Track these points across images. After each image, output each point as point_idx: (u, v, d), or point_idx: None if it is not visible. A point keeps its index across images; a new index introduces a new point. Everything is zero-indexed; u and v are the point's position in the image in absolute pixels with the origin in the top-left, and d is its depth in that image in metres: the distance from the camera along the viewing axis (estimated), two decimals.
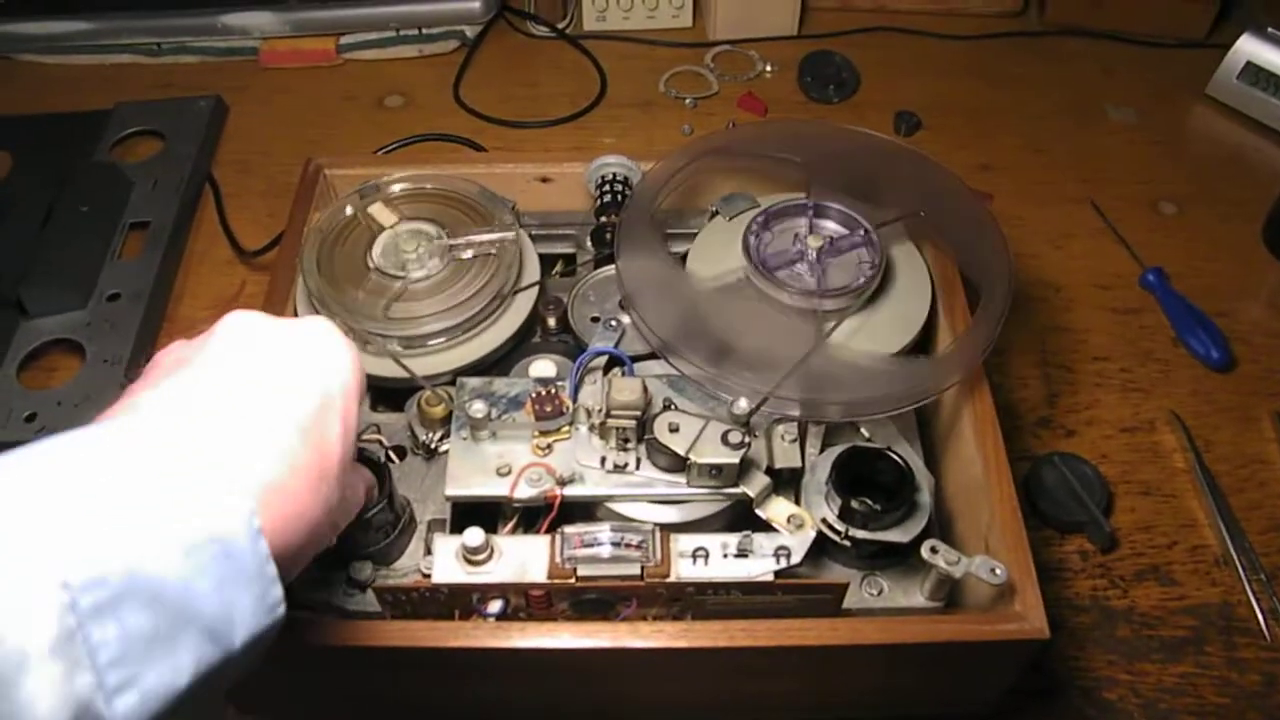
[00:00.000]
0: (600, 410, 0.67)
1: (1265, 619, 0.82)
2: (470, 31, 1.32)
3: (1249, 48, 1.20)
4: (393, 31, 1.30)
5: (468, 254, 0.79)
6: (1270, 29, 1.19)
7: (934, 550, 0.64)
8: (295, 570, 0.49)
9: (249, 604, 0.43)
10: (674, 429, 0.65)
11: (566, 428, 0.69)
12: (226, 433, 0.46)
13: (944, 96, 1.26)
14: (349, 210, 0.82)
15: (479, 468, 0.68)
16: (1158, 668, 0.80)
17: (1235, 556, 0.85)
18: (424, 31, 1.30)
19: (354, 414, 0.53)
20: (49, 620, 0.36)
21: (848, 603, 0.66)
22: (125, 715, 0.38)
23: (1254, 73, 1.20)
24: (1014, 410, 0.95)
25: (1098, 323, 1.03)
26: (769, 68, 1.29)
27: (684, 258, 0.81)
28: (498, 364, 0.78)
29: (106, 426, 0.43)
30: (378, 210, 0.82)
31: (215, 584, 0.41)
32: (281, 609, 0.45)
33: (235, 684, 0.45)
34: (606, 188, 0.87)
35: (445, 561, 0.64)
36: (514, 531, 0.69)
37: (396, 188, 0.84)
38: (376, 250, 0.79)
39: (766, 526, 0.66)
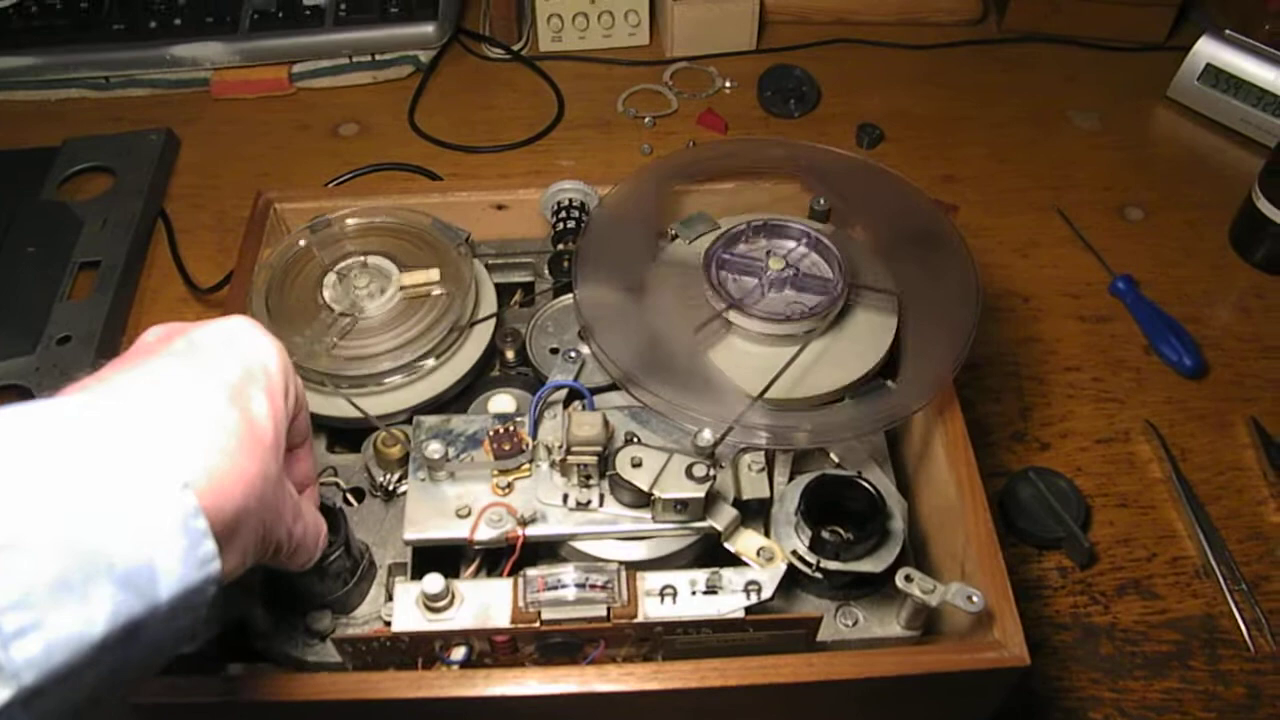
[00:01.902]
0: (561, 447, 0.65)
1: (1248, 630, 0.81)
2: (425, 56, 1.30)
3: (1208, 50, 1.19)
4: (346, 59, 1.28)
5: (418, 291, 0.77)
6: (1228, 31, 1.19)
7: (909, 579, 0.62)
8: (239, 537, 0.47)
9: (176, 556, 0.41)
10: (637, 464, 0.63)
11: (527, 465, 0.67)
12: (149, 401, 0.45)
13: (906, 108, 1.25)
14: (301, 243, 0.80)
15: (438, 510, 0.66)
16: (1142, 685, 0.79)
17: (1216, 567, 0.84)
18: (377, 58, 1.28)
19: (280, 396, 0.52)
20: None
21: (822, 635, 0.65)
22: (27, 662, 0.36)
23: (1214, 74, 1.20)
24: (986, 425, 0.93)
25: (1068, 332, 1.02)
26: (728, 84, 1.28)
27: (645, 283, 0.79)
28: (456, 400, 0.76)
29: (25, 403, 0.42)
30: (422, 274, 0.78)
31: (133, 533, 0.40)
32: (215, 565, 0.43)
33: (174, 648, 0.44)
34: (563, 214, 0.85)
35: (405, 609, 0.61)
36: (477, 574, 0.67)
37: (350, 222, 0.82)
38: (327, 286, 0.77)
39: (736, 560, 0.64)
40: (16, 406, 0.41)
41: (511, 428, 0.67)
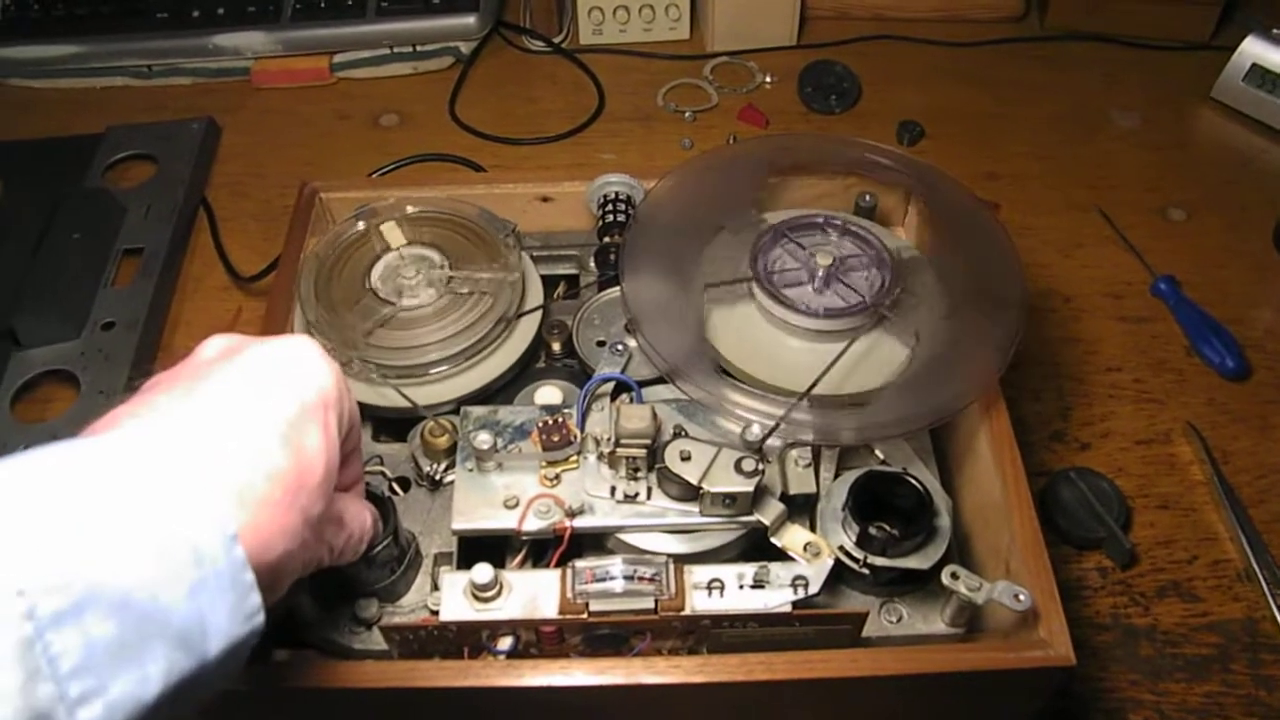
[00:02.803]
0: (609, 439, 0.65)
1: None
2: (465, 48, 1.30)
3: (1254, 50, 1.19)
4: (386, 49, 1.28)
5: (465, 289, 0.77)
6: (1275, 30, 1.18)
7: (955, 576, 0.62)
8: (280, 583, 0.48)
9: (224, 612, 0.42)
10: (686, 457, 0.63)
11: (574, 457, 0.67)
12: (201, 442, 0.45)
13: (946, 105, 1.25)
14: (360, 225, 0.80)
15: (485, 500, 0.66)
16: (1183, 687, 0.78)
17: (1258, 571, 0.83)
18: (418, 49, 1.29)
19: (335, 427, 0.52)
20: (5, 628, 0.35)
21: (867, 631, 0.65)
22: None
23: (1259, 75, 1.19)
24: (1027, 424, 0.93)
25: (1109, 333, 1.01)
26: (769, 79, 1.28)
27: (691, 276, 0.80)
28: (502, 391, 0.77)
29: (78, 440, 0.42)
30: (389, 229, 0.80)
31: (187, 591, 0.40)
32: (260, 617, 0.44)
33: (214, 694, 0.44)
34: (609, 207, 0.85)
35: (453, 598, 0.62)
36: (523, 565, 0.67)
37: (406, 209, 0.82)
38: (375, 275, 0.78)
39: (782, 555, 0.64)
40: (64, 447, 0.41)
41: (560, 419, 0.67)
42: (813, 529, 0.67)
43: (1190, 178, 1.16)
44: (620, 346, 0.75)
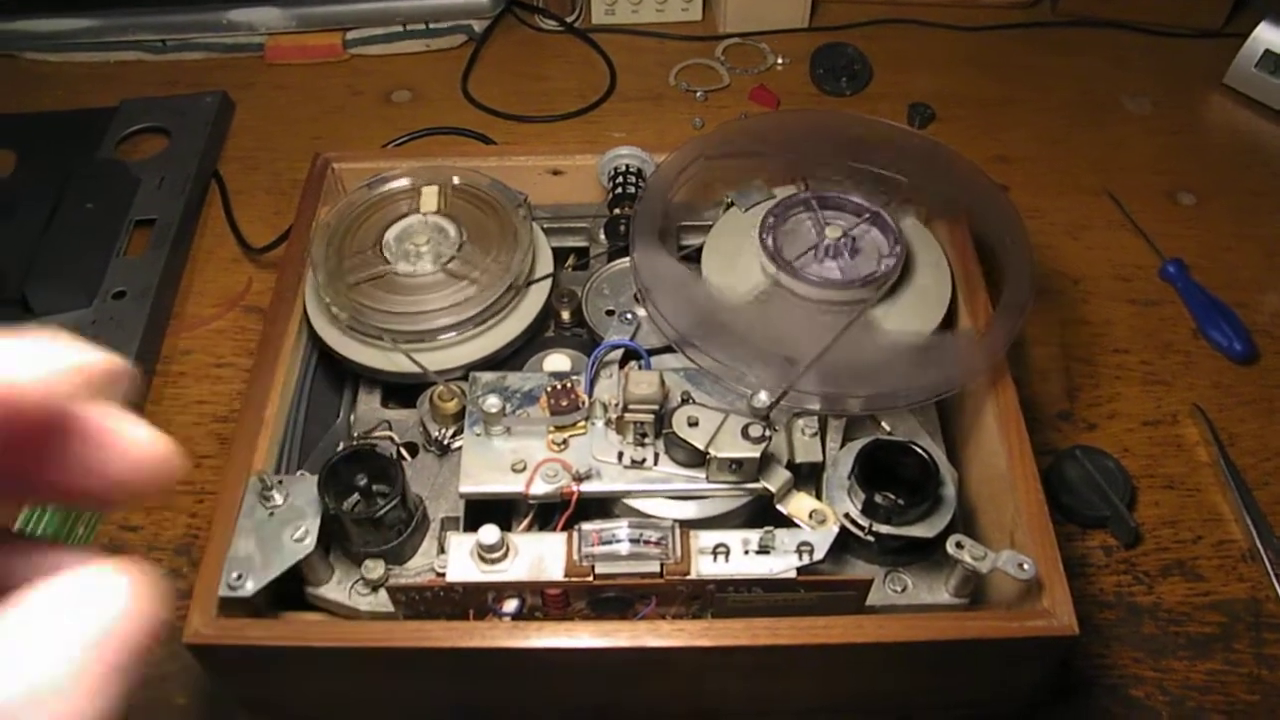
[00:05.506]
0: (617, 404, 0.66)
1: None
2: (478, 26, 1.31)
3: (1268, 36, 1.18)
4: (399, 26, 1.29)
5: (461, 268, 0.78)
6: None
7: (960, 545, 0.62)
8: None
9: None
10: (693, 423, 0.64)
11: (582, 423, 0.67)
12: None
13: (957, 88, 1.25)
14: (405, 182, 0.82)
15: (493, 464, 0.66)
16: (1185, 665, 0.79)
17: (1262, 551, 0.84)
18: (431, 26, 1.29)
19: None
20: None
21: (870, 599, 0.65)
22: None
23: (1273, 61, 1.19)
24: (1034, 403, 0.93)
25: (1117, 315, 1.01)
26: (780, 60, 1.28)
27: (699, 250, 0.80)
28: (511, 358, 0.77)
29: None
30: (428, 193, 0.81)
31: None
32: None
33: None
34: (620, 180, 0.85)
35: (460, 560, 0.62)
36: (529, 529, 0.67)
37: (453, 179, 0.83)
38: (391, 235, 0.78)
39: (788, 522, 0.65)
40: None
41: (568, 385, 0.68)
42: (819, 497, 0.67)
43: (1201, 163, 1.16)
44: (629, 315, 0.76)
